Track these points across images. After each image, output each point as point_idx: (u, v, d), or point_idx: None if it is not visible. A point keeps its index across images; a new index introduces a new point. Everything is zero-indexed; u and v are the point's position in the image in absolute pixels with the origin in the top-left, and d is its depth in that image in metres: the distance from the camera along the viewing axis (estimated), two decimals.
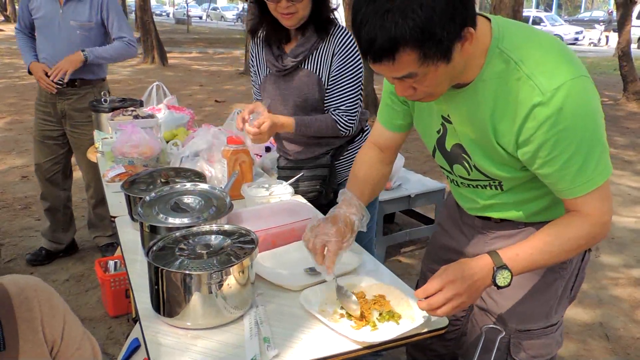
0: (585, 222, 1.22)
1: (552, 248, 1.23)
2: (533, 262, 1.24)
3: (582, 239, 1.23)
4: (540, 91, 1.13)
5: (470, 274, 1.23)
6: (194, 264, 1.32)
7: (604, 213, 1.22)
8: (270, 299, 1.45)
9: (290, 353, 1.24)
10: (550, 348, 1.48)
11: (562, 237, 1.23)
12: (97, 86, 3.40)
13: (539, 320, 1.45)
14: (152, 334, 1.30)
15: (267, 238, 1.67)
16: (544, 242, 1.23)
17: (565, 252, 1.25)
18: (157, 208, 1.64)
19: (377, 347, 1.28)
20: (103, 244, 3.61)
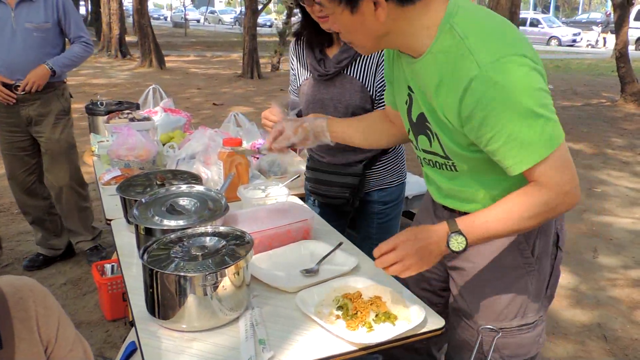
0: (542, 191, 1.20)
1: (510, 215, 1.23)
2: (489, 230, 1.25)
3: (540, 207, 1.21)
4: (478, 65, 1.14)
5: (423, 237, 1.27)
6: (189, 266, 1.31)
7: (563, 183, 1.20)
8: (266, 301, 1.45)
9: (286, 355, 1.23)
10: (527, 348, 1.46)
11: (520, 205, 1.22)
12: (59, 88, 3.26)
13: (511, 319, 1.44)
14: (147, 337, 1.30)
15: (263, 240, 1.67)
16: (501, 209, 1.24)
17: (524, 220, 1.23)
18: (152, 210, 1.64)
19: (373, 349, 1.27)
20: (87, 248, 3.52)
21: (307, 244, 1.73)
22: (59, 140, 3.25)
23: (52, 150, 3.25)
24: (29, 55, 3.04)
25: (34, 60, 3.05)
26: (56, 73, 3.11)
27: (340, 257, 1.65)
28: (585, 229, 4.31)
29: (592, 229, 4.31)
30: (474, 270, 1.47)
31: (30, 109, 3.16)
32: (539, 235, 1.42)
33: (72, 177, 3.35)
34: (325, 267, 1.61)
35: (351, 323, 1.34)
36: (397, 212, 2.27)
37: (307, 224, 1.76)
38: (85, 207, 3.48)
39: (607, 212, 4.69)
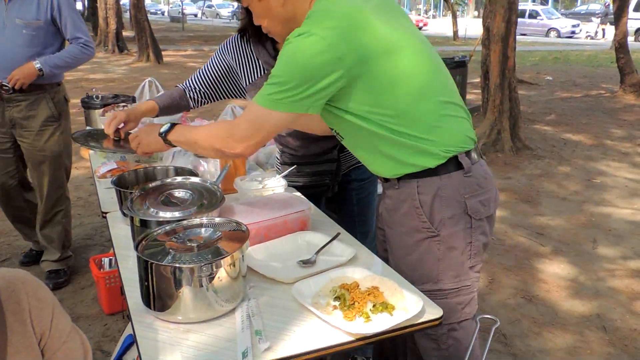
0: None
1: (198, 136, 1.60)
2: (182, 136, 1.66)
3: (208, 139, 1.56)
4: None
5: (148, 128, 1.80)
6: (185, 258, 1.30)
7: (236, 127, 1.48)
8: (263, 292, 1.44)
9: (283, 346, 1.22)
10: (447, 314, 1.44)
11: (205, 133, 1.58)
12: (50, 91, 3.01)
13: (423, 283, 1.50)
14: (143, 329, 1.29)
15: (259, 231, 1.65)
16: (197, 132, 1.60)
17: (203, 142, 1.58)
18: (147, 202, 1.62)
19: (370, 339, 1.26)
20: (48, 270, 3.18)
21: (304, 234, 1.71)
22: (42, 149, 3.01)
23: (33, 158, 3.04)
24: (16, 53, 2.82)
25: (21, 59, 2.84)
26: (44, 73, 2.86)
27: (338, 247, 1.64)
28: (585, 220, 4.30)
29: (592, 220, 4.31)
30: (391, 235, 1.58)
31: (15, 110, 2.94)
32: (434, 201, 1.47)
33: (51, 189, 3.10)
34: (322, 257, 1.60)
35: (348, 313, 1.32)
36: (374, 187, 2.31)
37: (304, 214, 1.74)
38: (61, 221, 3.21)
39: (607, 203, 4.68)
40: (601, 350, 2.65)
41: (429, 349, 1.55)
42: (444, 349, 1.55)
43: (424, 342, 1.55)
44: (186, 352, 1.20)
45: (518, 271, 3.42)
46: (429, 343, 1.55)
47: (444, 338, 1.54)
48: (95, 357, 2.50)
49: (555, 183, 5.19)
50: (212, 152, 1.58)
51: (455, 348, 1.54)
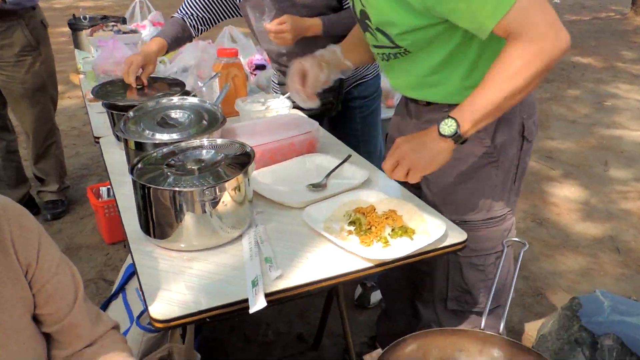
0: (520, 41, 1.10)
1: (492, 83, 1.13)
2: (477, 105, 1.15)
3: (519, 60, 1.10)
4: None
5: (414, 136, 1.24)
6: (185, 181, 1.18)
7: (535, 25, 1.09)
8: (271, 218, 1.33)
9: (296, 273, 1.13)
10: (493, 242, 1.42)
11: (501, 64, 1.12)
12: (25, 17, 2.67)
13: (476, 212, 1.40)
14: (143, 258, 1.19)
15: (264, 154, 1.53)
16: (483, 81, 1.15)
17: (510, 81, 1.12)
18: (142, 124, 1.49)
19: (389, 264, 1.17)
20: (46, 200, 3.08)
21: (313, 157, 1.59)
22: (23, 81, 2.74)
23: (13, 92, 2.78)
24: None
25: None
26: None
27: (349, 170, 1.53)
28: (595, 143, 4.18)
29: (602, 143, 4.18)
30: None
31: None
32: (500, 124, 1.35)
33: (39, 123, 2.89)
34: (333, 181, 1.48)
35: (365, 239, 1.22)
36: (377, 104, 2.19)
37: (311, 136, 1.62)
38: (54, 154, 3.03)
39: (618, 126, 4.54)
40: (614, 272, 2.60)
41: (477, 280, 1.46)
42: (490, 279, 1.46)
43: (473, 275, 1.46)
44: (190, 281, 1.11)
45: (528, 195, 3.33)
46: (477, 275, 1.46)
47: (490, 267, 1.45)
48: (98, 286, 2.45)
49: (565, 106, 5.02)
50: (538, 77, 1.15)
51: (500, 276, 1.46)
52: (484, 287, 1.47)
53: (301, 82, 1.49)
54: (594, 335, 1.68)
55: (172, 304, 1.04)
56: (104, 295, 2.33)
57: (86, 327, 1.02)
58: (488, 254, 1.44)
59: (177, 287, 1.09)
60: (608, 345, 1.64)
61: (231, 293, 1.07)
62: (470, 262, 1.44)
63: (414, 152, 1.20)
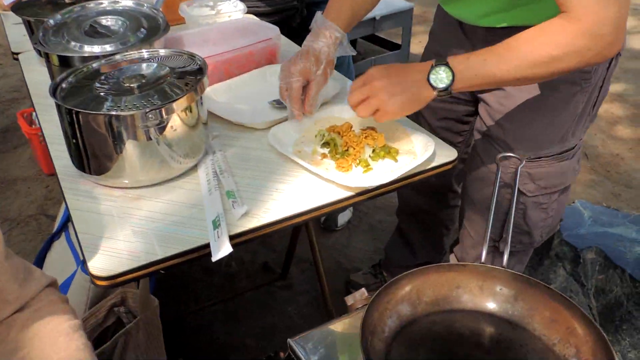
0: (568, 26, 0.89)
1: (515, 54, 0.93)
2: (484, 69, 0.95)
3: (558, 48, 0.90)
4: None
5: (398, 69, 1.02)
6: (123, 103, 0.96)
7: (601, 19, 0.87)
8: (230, 142, 1.14)
9: (264, 209, 0.95)
10: (565, 177, 1.25)
11: (532, 42, 0.92)
12: None
13: (552, 145, 1.20)
14: (77, 200, 0.99)
15: (218, 66, 1.31)
16: (506, 45, 0.94)
17: (531, 65, 0.92)
18: (66, 34, 1.23)
19: (373, 192, 1.01)
20: None
21: (274, 68, 1.37)
22: None
23: None
24: None
25: None
26: None
27: None
28: None
29: None
30: (516, 89, 1.18)
31: None
32: None
33: None
34: None
35: (343, 162, 1.05)
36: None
37: (272, 43, 1.39)
38: None
39: None
40: (584, 178, 2.54)
41: (539, 220, 1.29)
42: (551, 217, 1.30)
43: (536, 215, 1.28)
44: (138, 225, 0.92)
45: None
46: (540, 214, 1.28)
47: (553, 205, 1.28)
48: (39, 223, 2.23)
49: None
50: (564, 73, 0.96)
51: (557, 212, 1.31)
52: (544, 225, 1.30)
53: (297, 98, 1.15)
54: (576, 249, 1.61)
55: (117, 256, 0.86)
56: (47, 232, 2.12)
57: (12, 289, 0.83)
58: (555, 191, 1.25)
59: (122, 233, 0.90)
60: (590, 259, 1.58)
61: (189, 237, 0.89)
62: (536, 201, 1.25)
63: (388, 93, 0.99)
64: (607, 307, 1.50)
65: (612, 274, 1.51)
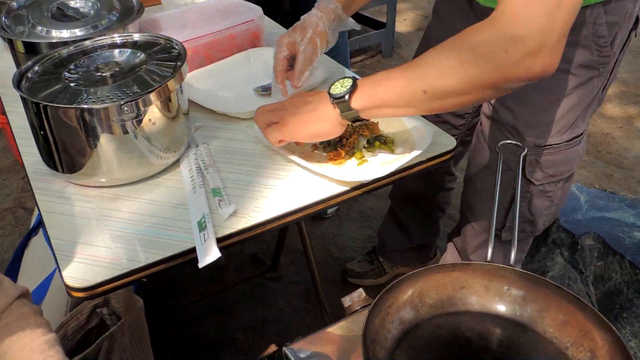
0: (485, 25, 0.74)
1: (424, 60, 0.78)
2: (388, 80, 0.81)
3: (470, 49, 0.74)
4: None
5: (303, 94, 0.93)
6: (96, 94, 0.88)
7: (521, 20, 0.71)
8: (214, 134, 1.06)
9: (254, 207, 0.88)
10: (572, 164, 1.20)
11: (443, 46, 0.77)
12: None
13: (563, 132, 1.14)
14: (49, 201, 0.91)
15: (198, 50, 1.22)
16: (419, 56, 0.80)
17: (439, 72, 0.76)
18: (31, 18, 1.14)
19: (369, 186, 0.94)
20: None
21: (258, 52, 1.30)
22: None
23: None
24: None
25: None
26: None
27: None
28: None
29: None
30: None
31: None
32: (625, 21, 1.05)
33: None
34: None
35: (335, 155, 0.98)
36: None
37: (255, 25, 1.30)
38: None
39: None
40: None
41: (543, 208, 1.24)
42: (555, 204, 1.25)
43: (541, 203, 1.23)
44: (117, 228, 0.85)
45: None
46: (545, 202, 1.23)
47: (558, 192, 1.23)
48: (16, 216, 2.14)
49: None
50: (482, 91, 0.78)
51: (561, 199, 1.26)
52: (547, 214, 1.25)
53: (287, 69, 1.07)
54: (573, 236, 1.56)
55: (95, 263, 0.79)
56: (25, 226, 2.03)
57: None
58: (561, 179, 1.20)
59: (100, 238, 0.83)
60: (589, 245, 1.54)
61: (173, 241, 0.82)
62: (542, 189, 1.20)
63: (292, 106, 0.90)
64: (606, 295, 1.47)
65: (611, 260, 1.48)
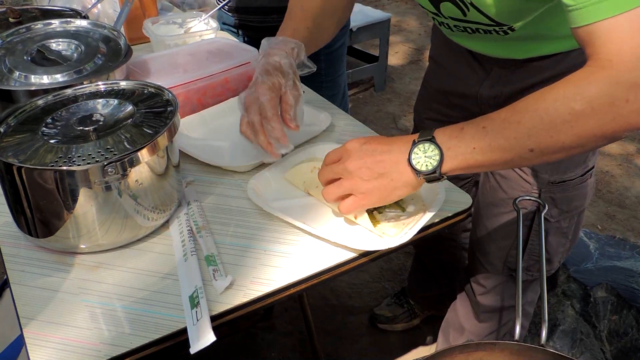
0: (596, 72, 0.67)
1: (526, 116, 0.70)
2: (484, 141, 0.72)
3: (583, 101, 0.67)
4: None
5: (378, 145, 0.80)
6: (77, 151, 0.78)
7: (639, 59, 0.65)
8: (207, 189, 0.97)
9: (252, 278, 0.79)
10: (585, 199, 1.15)
11: (546, 97, 0.70)
12: None
13: (576, 167, 1.09)
14: (20, 270, 0.81)
15: (190, 96, 1.14)
16: (513, 107, 0.73)
17: (548, 126, 0.69)
18: (9, 62, 1.05)
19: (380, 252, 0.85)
20: None
21: None
22: None
23: None
24: None
25: None
26: None
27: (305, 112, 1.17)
28: None
29: None
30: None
31: None
32: None
33: None
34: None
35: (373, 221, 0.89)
36: (344, 39, 1.77)
37: (250, 68, 1.22)
38: None
39: None
40: None
41: (559, 245, 1.18)
42: (569, 240, 1.19)
43: (556, 240, 1.17)
44: (96, 303, 0.75)
45: None
46: (560, 239, 1.17)
47: (572, 228, 1.17)
48: None
49: None
50: (594, 145, 0.72)
51: (575, 235, 1.21)
52: (563, 251, 1.20)
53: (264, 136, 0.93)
54: (585, 287, 1.48)
55: (70, 350, 0.68)
56: None
57: None
58: (575, 214, 1.15)
59: (77, 317, 0.73)
60: (602, 298, 1.45)
61: (162, 320, 0.72)
62: (558, 226, 1.14)
63: (362, 176, 0.79)
64: (622, 352, 1.38)
65: (627, 314, 1.39)
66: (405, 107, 3.22)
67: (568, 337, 1.44)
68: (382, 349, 1.75)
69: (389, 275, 2.01)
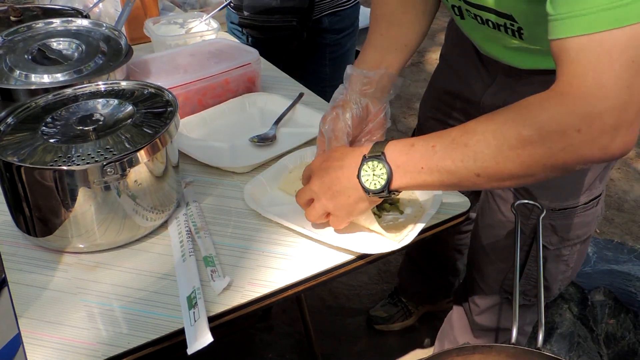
0: (550, 98, 0.65)
1: (474, 138, 0.67)
2: (432, 161, 0.70)
3: (532, 127, 0.64)
4: None
5: (333, 162, 0.80)
6: (76, 151, 0.79)
7: (599, 92, 0.61)
8: (206, 190, 0.97)
9: (250, 279, 0.79)
10: (589, 227, 1.12)
11: (496, 120, 0.67)
12: None
13: (579, 195, 1.06)
14: (18, 270, 0.81)
15: (190, 96, 1.14)
16: (464, 128, 0.70)
17: (495, 152, 0.66)
18: (9, 60, 1.05)
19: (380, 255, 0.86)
20: None
21: (254, 98, 1.22)
22: None
23: None
24: None
25: None
26: None
27: (304, 114, 1.17)
28: None
29: None
30: None
31: None
32: None
33: None
34: (285, 130, 1.13)
35: None
36: (352, 42, 1.77)
37: (251, 69, 1.23)
38: None
39: None
40: None
41: (559, 273, 1.16)
42: (571, 268, 1.17)
43: (556, 268, 1.15)
44: (94, 303, 0.75)
45: None
46: (561, 267, 1.15)
47: (573, 257, 1.15)
48: None
49: None
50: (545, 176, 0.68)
51: (577, 263, 1.18)
52: (563, 278, 1.17)
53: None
54: (583, 290, 1.49)
55: (68, 349, 0.69)
56: None
57: None
58: (577, 242, 1.11)
59: (75, 317, 0.73)
60: (599, 301, 1.46)
61: (159, 320, 0.72)
62: (558, 254, 1.11)
63: (327, 195, 0.79)
64: (619, 356, 1.38)
65: (624, 318, 1.40)
66: (405, 109, 3.22)
67: (565, 340, 1.44)
68: (380, 351, 1.75)
69: (387, 277, 2.01)
